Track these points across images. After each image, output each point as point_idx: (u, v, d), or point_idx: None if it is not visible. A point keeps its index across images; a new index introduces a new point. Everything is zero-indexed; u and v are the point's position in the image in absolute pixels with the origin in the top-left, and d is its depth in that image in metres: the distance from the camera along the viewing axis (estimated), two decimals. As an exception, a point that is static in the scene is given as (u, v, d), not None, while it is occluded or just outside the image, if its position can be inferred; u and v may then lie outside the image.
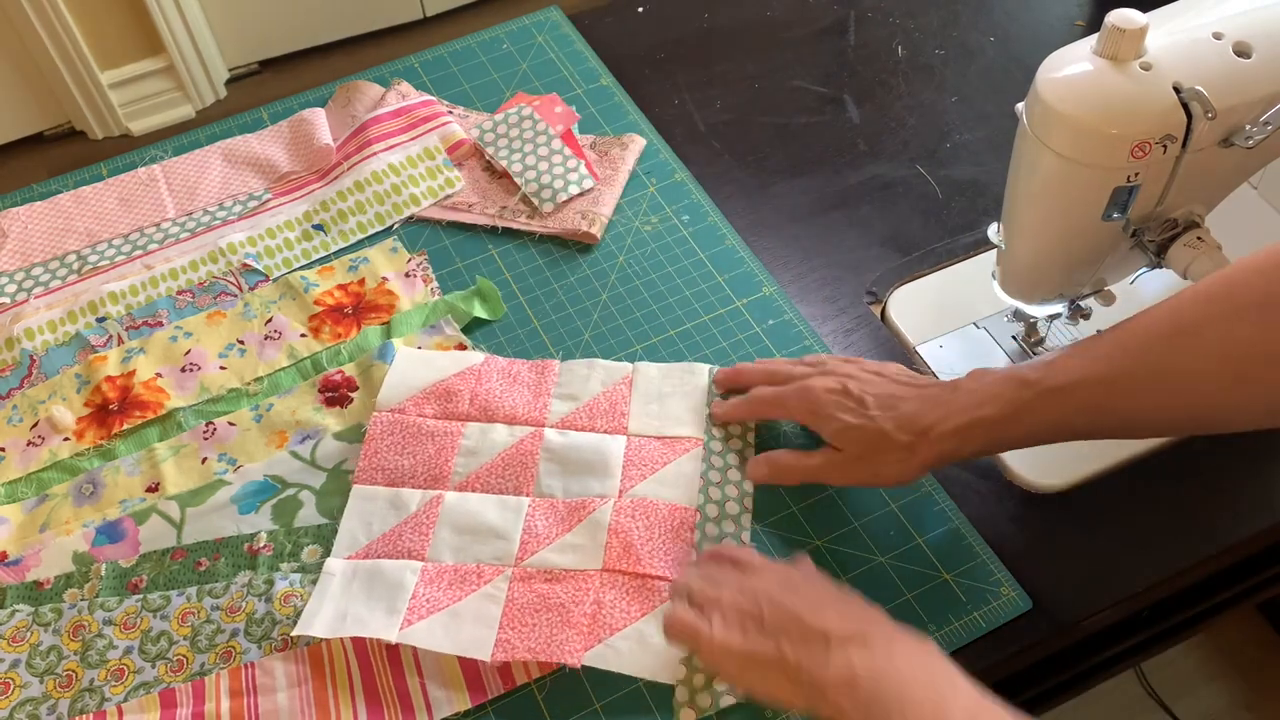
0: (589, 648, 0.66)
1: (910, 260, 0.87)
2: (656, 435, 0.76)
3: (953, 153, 0.95)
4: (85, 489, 0.77)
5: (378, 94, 0.99)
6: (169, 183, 0.94)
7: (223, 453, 0.78)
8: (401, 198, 0.91)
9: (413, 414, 0.77)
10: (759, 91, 1.00)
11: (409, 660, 0.66)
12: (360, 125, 0.95)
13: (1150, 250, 0.67)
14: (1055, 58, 0.63)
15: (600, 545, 0.70)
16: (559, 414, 0.77)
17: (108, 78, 1.96)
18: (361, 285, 0.87)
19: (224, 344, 0.84)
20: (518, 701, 0.66)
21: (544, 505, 0.73)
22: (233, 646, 0.68)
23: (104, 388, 0.81)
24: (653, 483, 0.73)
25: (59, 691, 0.67)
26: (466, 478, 0.74)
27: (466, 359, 0.80)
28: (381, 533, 0.72)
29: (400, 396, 0.77)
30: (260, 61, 2.12)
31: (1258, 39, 0.61)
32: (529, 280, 0.87)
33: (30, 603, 0.71)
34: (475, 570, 0.70)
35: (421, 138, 0.94)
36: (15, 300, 0.88)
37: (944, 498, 0.74)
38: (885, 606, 0.69)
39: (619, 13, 1.08)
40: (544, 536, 0.71)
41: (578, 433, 0.76)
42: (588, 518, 0.71)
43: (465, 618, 0.67)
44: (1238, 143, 0.61)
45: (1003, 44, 1.04)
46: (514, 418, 0.76)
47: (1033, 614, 0.69)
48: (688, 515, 0.72)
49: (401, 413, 0.77)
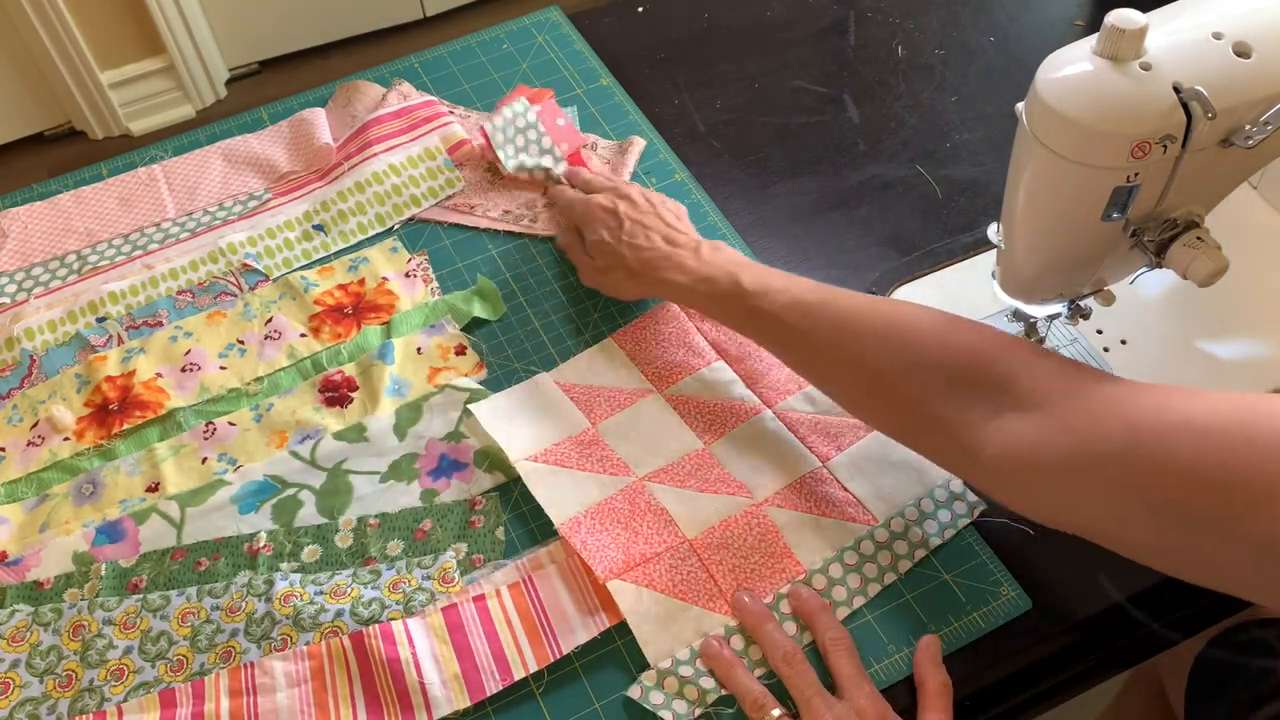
0: (620, 577, 0.68)
1: (910, 260, 0.87)
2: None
3: (953, 153, 0.95)
4: (85, 489, 0.77)
5: (378, 94, 0.99)
6: (169, 182, 0.94)
7: (223, 453, 0.78)
8: (402, 198, 0.91)
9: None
10: (759, 91, 1.00)
11: (408, 660, 0.66)
12: (361, 126, 0.95)
13: (1150, 250, 0.67)
14: (1055, 58, 0.63)
15: (707, 524, 0.71)
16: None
17: (108, 78, 1.96)
18: (361, 285, 0.87)
19: (224, 344, 0.84)
20: (518, 701, 0.66)
21: (703, 457, 0.75)
22: (233, 646, 0.68)
23: (104, 387, 0.81)
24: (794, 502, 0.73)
25: (59, 691, 0.67)
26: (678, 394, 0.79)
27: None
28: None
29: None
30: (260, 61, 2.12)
31: (1258, 39, 0.61)
32: (529, 280, 0.87)
33: (30, 603, 0.71)
34: (613, 459, 0.75)
35: (422, 138, 0.94)
36: (15, 300, 0.88)
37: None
38: (885, 607, 0.69)
39: (619, 13, 1.08)
40: (680, 477, 0.74)
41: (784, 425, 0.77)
42: (724, 494, 0.73)
43: (570, 486, 0.73)
44: (1238, 143, 0.61)
45: (1003, 44, 1.04)
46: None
47: (1033, 614, 0.69)
48: (792, 566, 0.70)
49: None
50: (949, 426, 0.62)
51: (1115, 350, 0.81)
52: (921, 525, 0.71)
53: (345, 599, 0.70)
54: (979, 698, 0.68)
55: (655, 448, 0.76)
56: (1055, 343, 0.81)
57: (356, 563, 0.72)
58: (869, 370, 0.66)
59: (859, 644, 0.67)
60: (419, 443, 0.78)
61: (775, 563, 0.70)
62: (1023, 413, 0.59)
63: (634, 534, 0.71)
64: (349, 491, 0.76)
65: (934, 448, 0.66)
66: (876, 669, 0.67)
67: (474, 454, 0.77)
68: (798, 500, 0.72)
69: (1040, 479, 0.58)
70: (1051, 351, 0.64)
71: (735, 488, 0.73)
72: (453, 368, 0.82)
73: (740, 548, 0.70)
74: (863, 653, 0.67)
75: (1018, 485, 0.60)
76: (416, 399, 0.80)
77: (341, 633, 0.68)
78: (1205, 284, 0.65)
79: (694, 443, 0.76)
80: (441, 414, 0.79)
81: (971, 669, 0.68)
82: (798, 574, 0.69)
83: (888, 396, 0.66)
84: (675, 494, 0.73)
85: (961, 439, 0.61)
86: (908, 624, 0.68)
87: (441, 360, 0.82)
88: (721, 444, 0.76)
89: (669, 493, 0.73)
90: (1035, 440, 0.58)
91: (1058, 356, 0.62)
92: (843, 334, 0.68)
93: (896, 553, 0.70)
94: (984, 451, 0.60)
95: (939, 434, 0.63)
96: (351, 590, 0.70)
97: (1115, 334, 0.82)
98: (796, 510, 0.72)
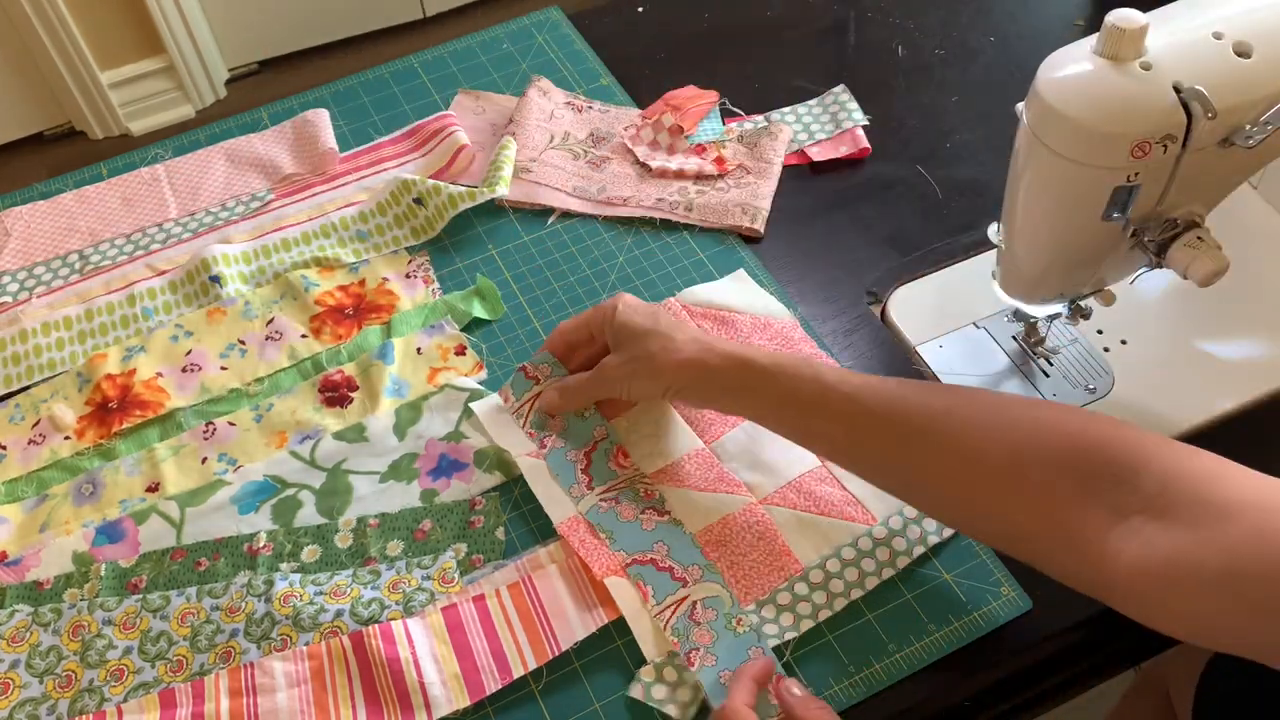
0: (619, 574, 0.69)
1: (910, 260, 0.87)
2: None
3: (953, 153, 0.95)
4: (85, 489, 0.77)
5: (508, 100, 0.99)
6: (172, 182, 0.94)
7: (223, 453, 0.78)
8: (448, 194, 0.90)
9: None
10: (759, 91, 1.00)
11: (408, 660, 0.66)
12: (374, 144, 0.96)
13: (1150, 250, 0.67)
14: (1055, 58, 0.63)
15: (707, 522, 0.72)
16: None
17: (108, 78, 1.96)
18: (362, 286, 0.87)
19: (225, 344, 0.84)
20: (517, 701, 0.66)
21: (703, 456, 0.75)
22: (232, 646, 0.68)
23: (104, 386, 0.81)
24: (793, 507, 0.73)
25: (59, 691, 0.67)
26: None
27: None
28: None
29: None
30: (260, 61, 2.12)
31: (1258, 39, 0.61)
32: (529, 280, 0.87)
33: (30, 603, 0.71)
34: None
35: (433, 151, 0.94)
36: (17, 299, 0.88)
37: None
38: (885, 607, 0.69)
39: (619, 13, 1.08)
40: (680, 475, 0.74)
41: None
42: (724, 493, 0.73)
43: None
44: (1238, 143, 0.61)
45: (1003, 44, 1.04)
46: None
47: (1033, 614, 0.69)
48: (790, 563, 0.70)
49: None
50: (1069, 530, 0.55)
51: (1115, 350, 0.81)
52: (920, 523, 0.71)
53: (345, 599, 0.70)
54: (979, 698, 0.68)
55: (656, 447, 0.76)
56: (1055, 343, 0.81)
57: (356, 563, 0.72)
58: (971, 461, 0.59)
59: (859, 644, 0.67)
60: (419, 443, 0.78)
61: (774, 560, 0.70)
62: (1157, 519, 0.53)
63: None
64: (349, 491, 0.76)
65: (1045, 554, 0.59)
66: (876, 669, 0.67)
67: (474, 454, 0.77)
68: (797, 499, 0.72)
69: (1183, 595, 0.52)
70: (1179, 443, 0.56)
71: (735, 486, 0.73)
72: (453, 368, 0.82)
73: (739, 545, 0.70)
74: (863, 653, 0.67)
75: (1157, 602, 0.54)
76: (416, 399, 0.80)
77: (341, 633, 0.68)
78: (1205, 284, 0.65)
79: (694, 441, 0.76)
80: (441, 414, 0.79)
81: (971, 669, 0.68)
82: (796, 571, 0.69)
83: (993, 491, 0.59)
84: (675, 492, 0.73)
85: (1088, 547, 0.55)
86: (908, 624, 0.68)
87: (441, 360, 0.82)
88: (721, 443, 0.76)
89: (669, 491, 0.73)
90: (1172, 553, 0.51)
91: (1186, 448, 0.55)
92: (932, 420, 0.61)
93: (895, 549, 0.70)
94: (1117, 562, 0.53)
95: (1056, 538, 0.56)
96: (351, 590, 0.70)
97: (1115, 334, 0.82)
98: (796, 509, 0.72)
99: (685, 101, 0.95)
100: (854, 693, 0.66)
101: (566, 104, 0.98)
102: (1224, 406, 0.77)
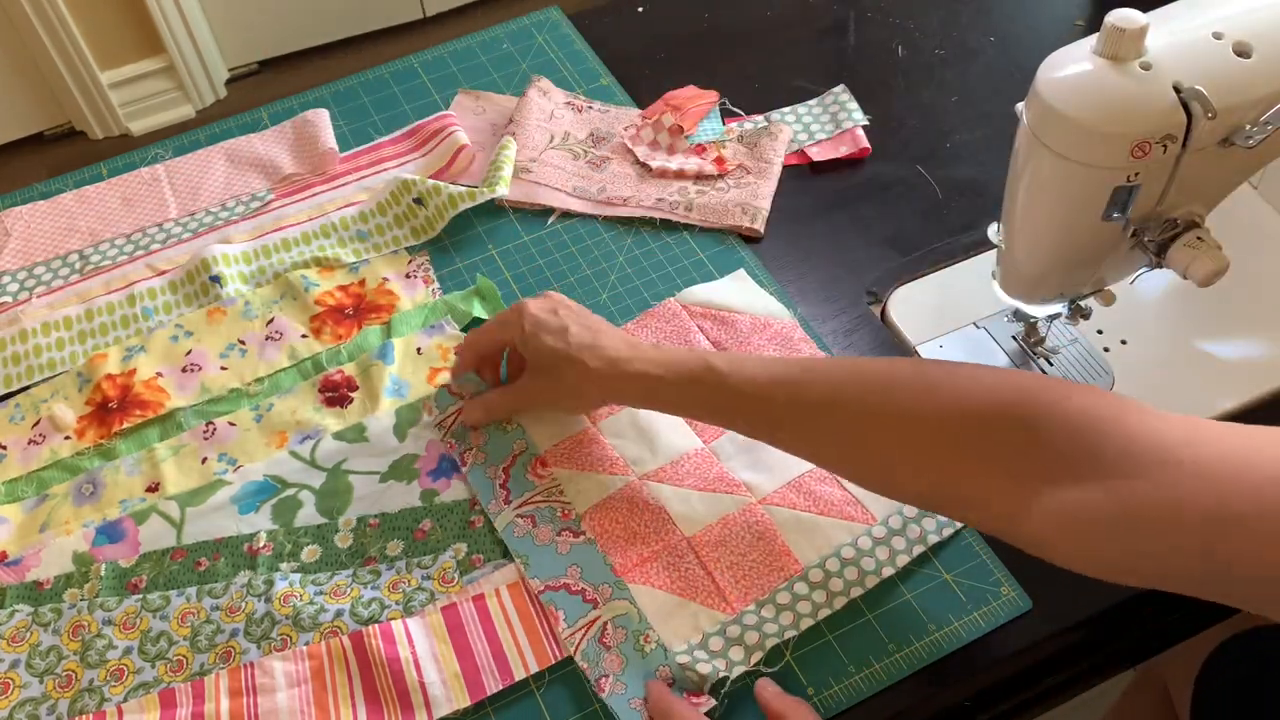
0: (619, 574, 0.69)
1: (910, 260, 0.87)
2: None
3: (953, 153, 0.95)
4: (85, 489, 0.77)
5: (508, 100, 0.99)
6: (172, 182, 0.94)
7: (223, 453, 0.78)
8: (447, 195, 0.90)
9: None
10: (759, 91, 1.00)
11: (408, 660, 0.66)
12: (374, 144, 0.96)
13: (1150, 250, 0.67)
14: (1055, 58, 0.63)
15: (706, 523, 0.72)
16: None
17: (108, 78, 1.96)
18: (362, 286, 0.87)
19: (225, 344, 0.84)
20: (518, 701, 0.66)
21: (702, 456, 0.75)
22: (232, 646, 0.68)
23: (104, 386, 0.81)
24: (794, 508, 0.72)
25: (59, 691, 0.68)
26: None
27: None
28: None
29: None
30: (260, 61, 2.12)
31: (1258, 39, 0.61)
32: (529, 280, 0.87)
33: (30, 603, 0.71)
34: (613, 458, 0.75)
35: (433, 151, 0.94)
36: (17, 299, 0.88)
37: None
38: (885, 607, 0.69)
39: (619, 13, 1.08)
40: (679, 475, 0.74)
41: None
42: (723, 493, 0.73)
43: (569, 485, 0.74)
44: (1238, 143, 0.61)
45: (1003, 44, 1.04)
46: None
47: (1032, 614, 0.69)
48: (790, 563, 0.70)
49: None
50: (990, 487, 0.57)
51: (1115, 350, 0.81)
52: (920, 522, 0.71)
53: (345, 599, 0.70)
54: (979, 698, 0.68)
55: (655, 446, 0.76)
56: (1055, 343, 0.81)
57: (356, 563, 0.72)
58: (911, 423, 0.60)
59: (859, 644, 0.67)
60: (419, 443, 0.78)
61: (773, 560, 0.70)
62: (1078, 474, 0.53)
63: (633, 532, 0.71)
64: (349, 491, 0.76)
65: (967, 506, 0.60)
66: (876, 668, 0.67)
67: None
68: (796, 499, 0.72)
69: (1097, 542, 0.53)
70: (1082, 385, 0.58)
71: (734, 486, 0.73)
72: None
73: (739, 545, 0.70)
74: (862, 653, 0.67)
75: (1073, 549, 0.55)
76: (416, 399, 0.80)
77: (341, 633, 0.68)
78: (1205, 284, 0.65)
79: (693, 441, 0.76)
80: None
81: (971, 669, 0.68)
82: (795, 572, 0.69)
83: (924, 453, 0.60)
84: (674, 492, 0.73)
85: (1006, 503, 0.56)
86: (908, 624, 0.68)
87: (442, 360, 0.82)
88: (721, 443, 0.76)
89: (668, 491, 0.73)
90: (1084, 501, 0.53)
91: (1093, 391, 0.56)
92: (867, 390, 0.62)
93: (895, 549, 0.70)
94: (1031, 514, 0.55)
95: (977, 496, 0.58)
96: (351, 590, 0.70)
97: (1115, 334, 0.82)
98: (795, 509, 0.72)
99: (685, 101, 0.95)
100: (854, 693, 0.66)
101: (566, 104, 0.98)
102: (1224, 406, 0.77)
